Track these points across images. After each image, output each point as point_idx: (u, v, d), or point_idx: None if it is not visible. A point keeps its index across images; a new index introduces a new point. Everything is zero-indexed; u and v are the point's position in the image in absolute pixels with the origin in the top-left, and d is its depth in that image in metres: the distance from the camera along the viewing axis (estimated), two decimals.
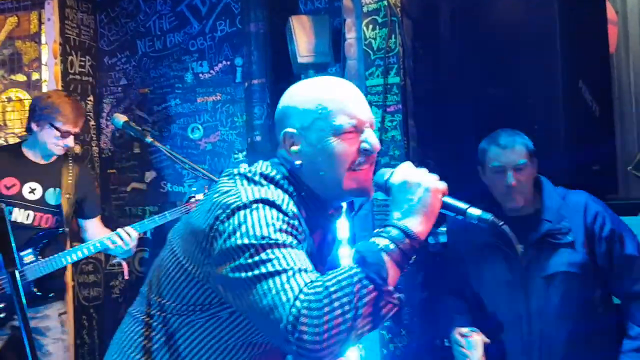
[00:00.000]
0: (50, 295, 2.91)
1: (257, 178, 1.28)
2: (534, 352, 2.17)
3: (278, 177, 1.31)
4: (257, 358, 1.35)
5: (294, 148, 1.33)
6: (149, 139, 2.70)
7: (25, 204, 2.83)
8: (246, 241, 1.15)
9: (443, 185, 1.26)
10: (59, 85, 3.88)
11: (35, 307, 2.85)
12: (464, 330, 2.14)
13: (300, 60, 3.30)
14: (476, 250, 2.27)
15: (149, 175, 4.11)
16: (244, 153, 3.94)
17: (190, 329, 1.30)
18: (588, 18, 2.84)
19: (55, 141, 2.83)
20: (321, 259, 1.45)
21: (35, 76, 4.06)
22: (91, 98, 4.19)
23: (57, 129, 2.80)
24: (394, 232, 1.19)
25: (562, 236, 2.15)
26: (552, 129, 2.71)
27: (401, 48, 2.93)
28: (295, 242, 1.20)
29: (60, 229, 2.90)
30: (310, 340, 1.07)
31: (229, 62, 4.01)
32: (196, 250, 1.24)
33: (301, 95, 1.36)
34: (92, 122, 4.19)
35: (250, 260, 1.14)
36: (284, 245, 1.16)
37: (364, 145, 1.32)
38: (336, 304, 1.08)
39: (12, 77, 4.09)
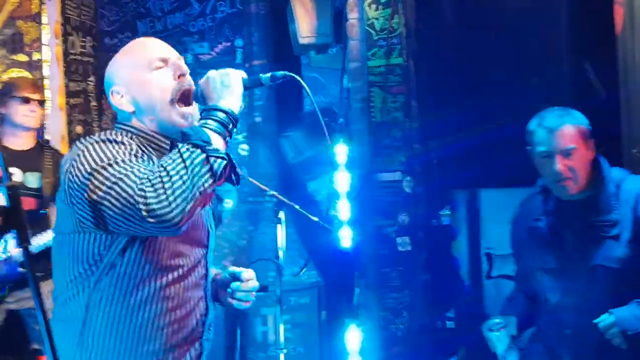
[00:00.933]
0: (39, 274, 2.97)
1: (96, 136, 1.43)
2: (566, 345, 2.05)
3: (115, 131, 1.48)
4: (175, 295, 1.43)
5: (122, 100, 1.49)
6: None
7: None
8: (88, 169, 1.32)
9: (241, 72, 1.45)
10: (61, 66, 3.85)
11: (25, 287, 2.89)
12: (492, 323, 2.09)
13: (301, 41, 3.28)
14: (526, 236, 2.16)
15: None
16: (244, 134, 3.92)
17: (99, 292, 1.39)
18: None
19: (22, 111, 3.00)
20: None
21: (36, 56, 4.03)
22: (92, 79, 4.16)
23: (16, 97, 3.00)
24: (208, 112, 1.39)
25: (608, 228, 1.96)
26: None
27: (404, 28, 2.90)
28: (136, 157, 1.35)
29: (42, 211, 3.01)
30: (158, 207, 1.23)
31: (229, 44, 3.98)
32: (65, 209, 1.39)
33: (113, 61, 1.55)
34: (93, 103, 4.17)
35: (96, 182, 1.30)
36: (123, 161, 1.32)
37: (177, 72, 1.48)
38: (172, 172, 1.26)
39: (14, 57, 4.06)
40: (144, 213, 1.24)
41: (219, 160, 1.30)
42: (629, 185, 2.02)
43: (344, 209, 3.11)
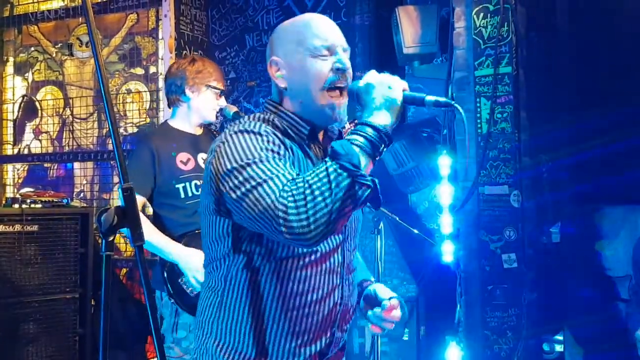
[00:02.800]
0: None
1: (238, 121, 1.47)
2: None
3: (260, 111, 1.51)
4: (307, 275, 1.44)
5: (279, 73, 1.50)
6: None
7: None
8: (229, 166, 1.34)
9: (403, 83, 1.39)
10: None
11: None
12: None
13: (405, 51, 3.25)
14: None
15: None
16: None
17: (236, 267, 1.43)
18: None
19: (213, 103, 2.69)
20: None
21: (152, 69, 4.30)
22: None
23: (214, 88, 2.68)
24: (362, 127, 1.33)
25: None
26: None
27: (514, 37, 2.80)
28: (273, 155, 1.36)
29: None
30: (297, 225, 1.23)
31: None
32: (207, 192, 1.43)
33: (282, 28, 1.54)
34: None
35: (236, 181, 1.32)
36: (262, 161, 1.33)
37: (337, 64, 1.45)
38: (316, 192, 1.24)
39: (132, 70, 4.35)
40: (282, 228, 1.24)
41: (364, 188, 1.27)
42: None
43: (446, 223, 3.03)
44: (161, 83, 4.12)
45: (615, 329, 2.68)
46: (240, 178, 1.31)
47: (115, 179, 4.39)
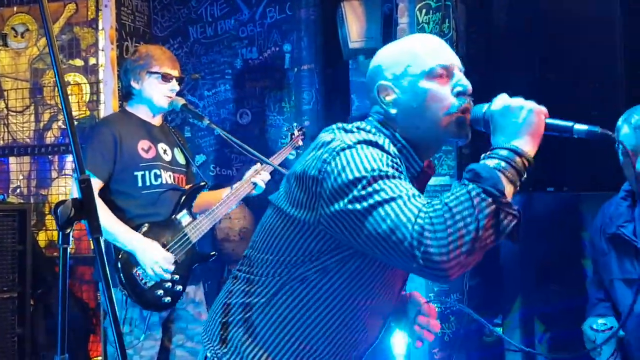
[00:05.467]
0: (213, 253, 2.72)
1: (354, 129, 1.30)
2: None
3: (372, 129, 1.32)
4: (360, 319, 1.35)
5: (388, 98, 1.34)
6: (206, 122, 2.73)
7: (165, 165, 2.65)
8: (357, 174, 1.16)
9: (543, 108, 1.24)
10: (115, 71, 3.98)
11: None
12: (599, 322, 1.99)
13: (351, 45, 3.31)
14: (607, 245, 2.08)
15: (199, 159, 4.19)
16: None
17: (296, 283, 1.30)
18: None
19: (160, 89, 2.63)
20: None
21: (92, 61, 4.18)
22: None
23: (156, 73, 2.62)
24: (503, 152, 1.19)
25: None
26: (612, 116, 2.64)
27: (455, 33, 2.90)
28: (403, 175, 1.21)
29: (203, 183, 2.74)
30: (437, 252, 1.08)
31: (277, 49, 4.05)
32: (305, 197, 1.25)
33: (391, 49, 1.39)
34: None
35: (363, 192, 1.15)
36: (393, 177, 1.17)
37: (457, 88, 1.32)
38: (458, 217, 1.09)
39: (71, 61, 4.22)
40: (417, 253, 1.09)
41: (510, 218, 1.12)
42: None
43: None
44: (102, 75, 4.02)
45: (550, 312, 2.83)
46: (369, 189, 1.14)
47: (54, 174, 4.25)
